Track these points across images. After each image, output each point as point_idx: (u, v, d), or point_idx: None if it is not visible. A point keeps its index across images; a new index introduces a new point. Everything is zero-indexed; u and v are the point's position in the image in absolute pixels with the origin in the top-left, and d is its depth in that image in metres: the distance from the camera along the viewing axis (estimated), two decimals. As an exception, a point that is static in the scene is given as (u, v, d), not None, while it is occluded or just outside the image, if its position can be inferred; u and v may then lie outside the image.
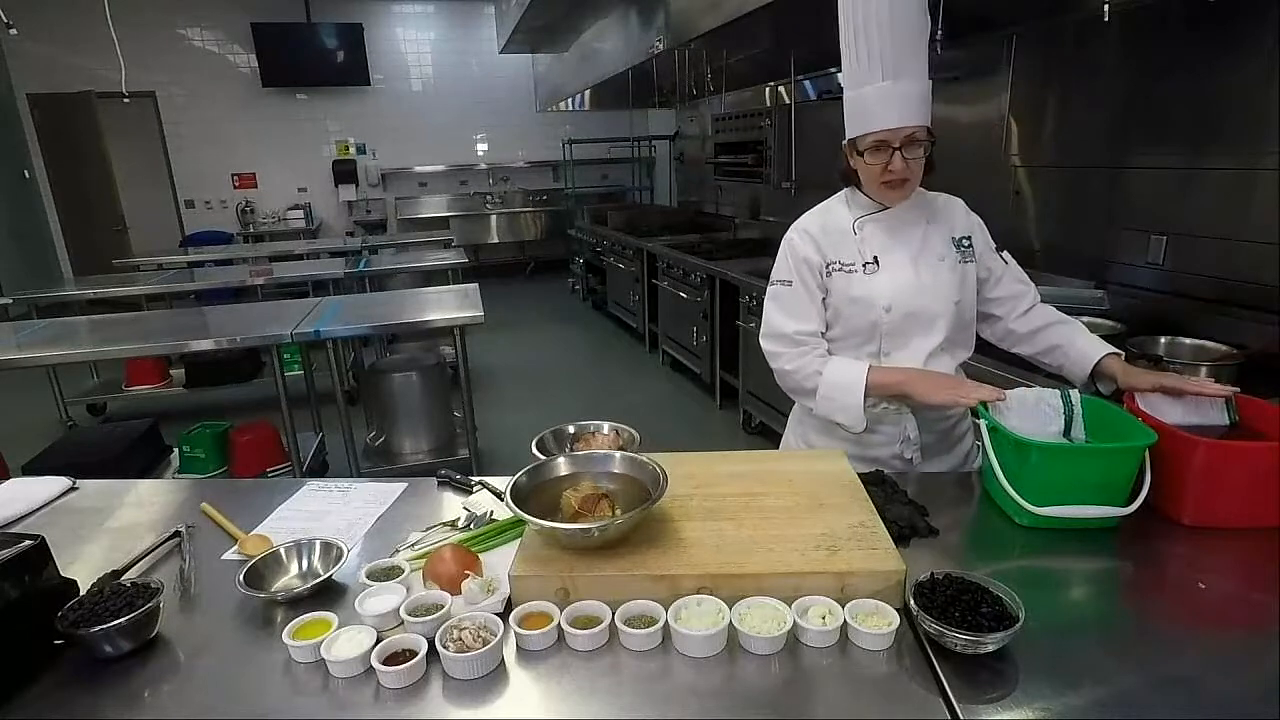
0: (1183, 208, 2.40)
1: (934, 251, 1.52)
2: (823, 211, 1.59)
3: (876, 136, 1.39)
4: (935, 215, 1.55)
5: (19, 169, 7.56)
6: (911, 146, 1.38)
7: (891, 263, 1.50)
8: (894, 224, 1.52)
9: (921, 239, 1.52)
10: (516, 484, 1.15)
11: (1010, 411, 1.34)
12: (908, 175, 1.41)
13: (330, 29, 8.16)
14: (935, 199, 1.57)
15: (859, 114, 1.42)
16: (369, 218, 8.78)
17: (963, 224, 1.56)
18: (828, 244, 1.53)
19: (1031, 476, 1.20)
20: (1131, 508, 1.18)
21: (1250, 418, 1.31)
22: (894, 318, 1.50)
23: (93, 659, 0.97)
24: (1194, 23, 2.31)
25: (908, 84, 1.37)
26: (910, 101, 1.38)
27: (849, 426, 1.50)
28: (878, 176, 1.43)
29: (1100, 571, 1.17)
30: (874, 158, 1.41)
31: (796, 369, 1.54)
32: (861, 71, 1.40)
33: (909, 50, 1.37)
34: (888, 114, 1.37)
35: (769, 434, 3.93)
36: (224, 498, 1.45)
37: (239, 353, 4.60)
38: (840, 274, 1.52)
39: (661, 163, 8.66)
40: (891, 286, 1.49)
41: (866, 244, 1.52)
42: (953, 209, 1.57)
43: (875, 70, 1.38)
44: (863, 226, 1.53)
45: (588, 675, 0.92)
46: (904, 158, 1.38)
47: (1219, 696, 0.85)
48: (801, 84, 4.65)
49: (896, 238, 1.52)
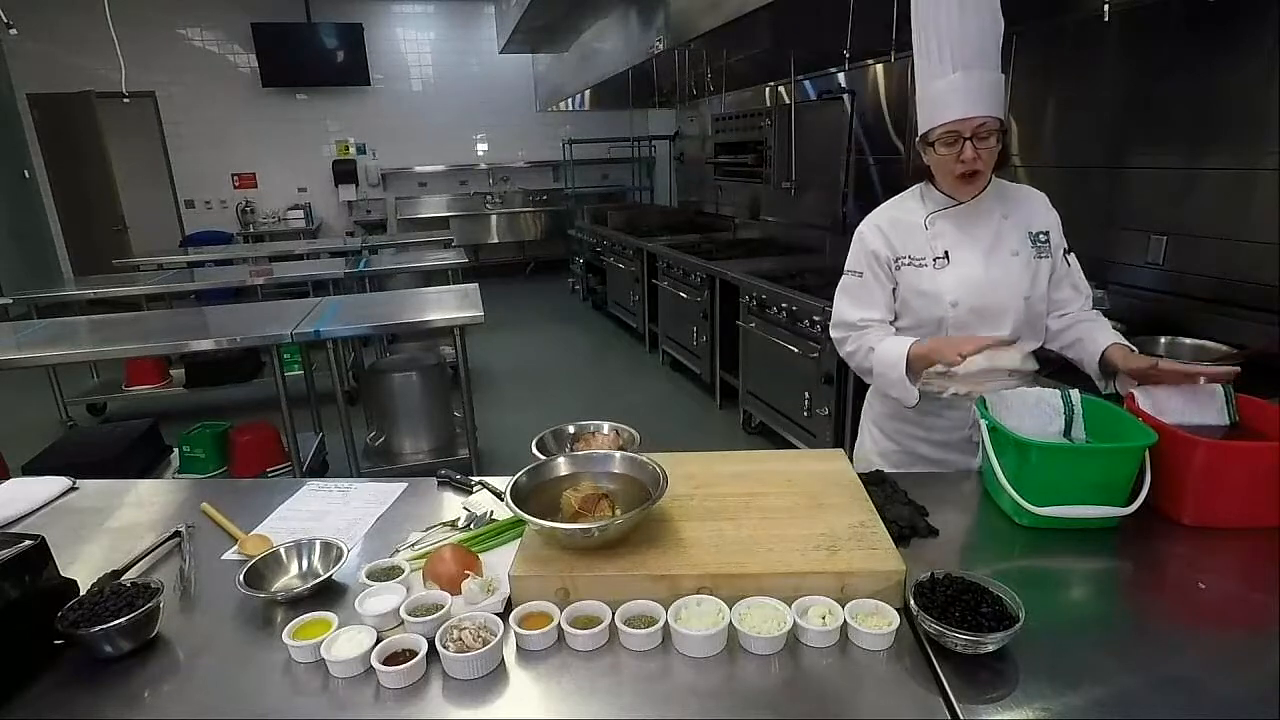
0: (1183, 208, 2.40)
1: (1007, 246, 1.53)
2: (896, 205, 1.60)
3: (947, 127, 1.41)
4: (1014, 209, 1.55)
5: (19, 169, 7.55)
6: (982, 137, 1.40)
7: (961, 258, 1.52)
8: (967, 218, 1.53)
9: (995, 233, 1.53)
10: (516, 484, 1.15)
11: (1010, 411, 1.36)
12: (979, 166, 1.43)
13: (330, 29, 8.16)
14: (1015, 191, 1.58)
15: (930, 107, 1.44)
16: (369, 218, 8.78)
17: (1042, 219, 1.56)
18: (898, 238, 1.55)
19: (1031, 476, 1.20)
20: (1131, 508, 1.19)
21: (1250, 418, 1.31)
22: (959, 312, 1.51)
23: (93, 659, 0.97)
24: (1194, 23, 2.31)
25: (978, 75, 1.39)
26: (979, 92, 1.39)
27: (903, 400, 1.53)
28: (951, 168, 1.45)
29: (1100, 571, 1.17)
30: (945, 149, 1.43)
31: (856, 349, 1.59)
32: (932, 66, 1.43)
33: (978, 43, 1.39)
34: (957, 105, 1.39)
35: (769, 434, 3.93)
36: (224, 498, 1.45)
37: (239, 353, 4.60)
38: (909, 268, 1.54)
39: (661, 163, 8.66)
40: (959, 282, 1.50)
41: (938, 239, 1.53)
42: (1034, 203, 1.58)
43: (945, 64, 1.40)
44: (934, 222, 1.54)
45: (588, 675, 0.92)
46: (975, 147, 1.40)
47: (1219, 696, 0.85)
48: (801, 84, 4.65)
49: (969, 232, 1.53)
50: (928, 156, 1.50)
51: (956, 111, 1.39)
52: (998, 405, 1.36)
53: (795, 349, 3.31)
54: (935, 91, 1.43)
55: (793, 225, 5.10)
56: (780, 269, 4.02)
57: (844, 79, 4.19)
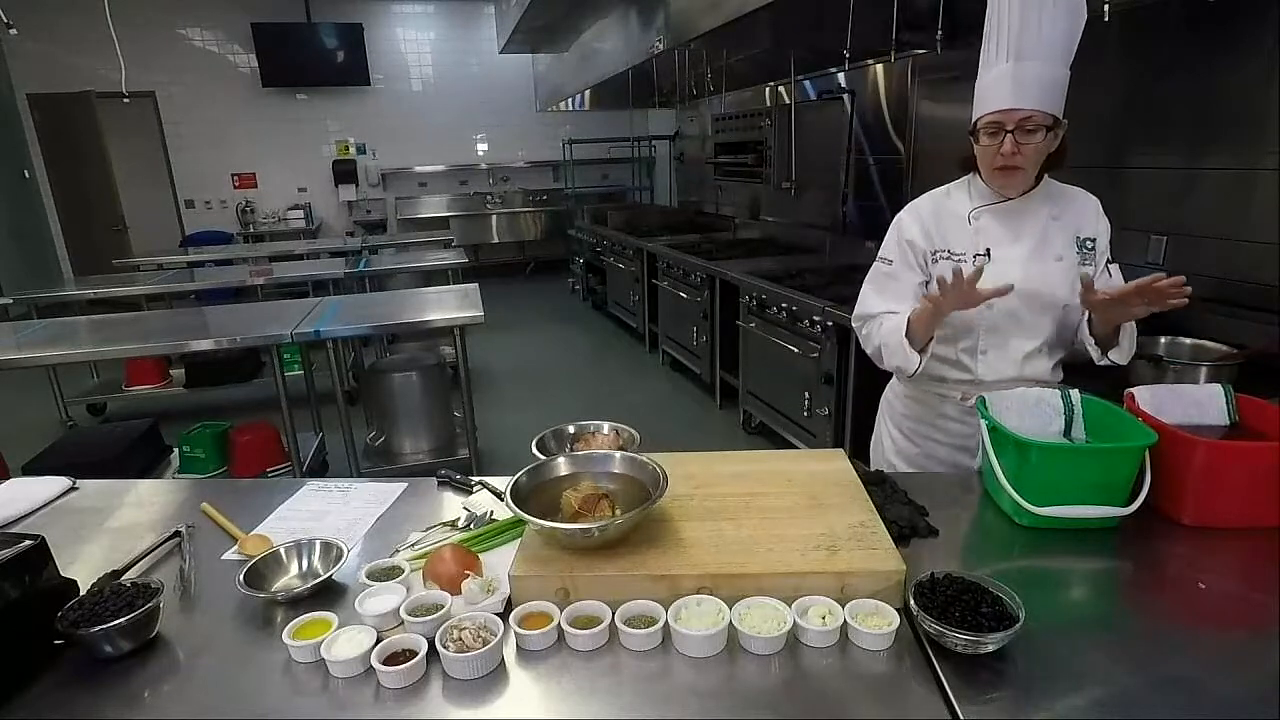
0: (1183, 208, 2.40)
1: (1052, 249, 1.47)
2: (941, 195, 1.55)
3: (990, 117, 1.37)
4: (1064, 211, 1.49)
5: (19, 169, 7.55)
6: (1027, 130, 1.35)
7: (1003, 257, 1.46)
8: (1014, 216, 1.47)
9: (1041, 234, 1.47)
10: (516, 484, 1.15)
11: (1010, 411, 1.35)
12: (1019, 162, 1.38)
13: (330, 29, 8.16)
14: (1067, 192, 1.52)
15: (980, 97, 1.41)
16: (369, 218, 8.78)
17: (1092, 225, 1.51)
18: (938, 230, 1.50)
19: (1031, 476, 1.20)
20: (1132, 508, 1.18)
21: (1250, 418, 1.31)
22: (995, 314, 1.46)
23: (93, 659, 0.97)
24: (1194, 23, 2.31)
25: (1031, 67, 1.33)
26: (1030, 84, 1.33)
27: (904, 368, 1.50)
28: (990, 160, 1.40)
29: (1100, 571, 1.17)
30: (988, 140, 1.39)
31: (869, 334, 1.57)
32: (988, 55, 1.39)
33: (1039, 33, 1.32)
34: (1002, 95, 1.35)
35: (769, 434, 3.93)
36: (224, 498, 1.44)
37: (239, 353, 4.60)
38: (947, 262, 1.48)
39: (661, 163, 8.66)
40: (997, 281, 1.39)
41: (982, 234, 1.48)
42: (1086, 208, 1.52)
43: (1001, 53, 1.36)
44: (979, 216, 1.48)
45: (588, 675, 0.92)
46: (1015, 141, 1.35)
47: (1219, 696, 0.85)
48: (801, 84, 4.65)
49: (1013, 230, 1.47)
50: (976, 148, 1.45)
51: (1000, 102, 1.35)
52: (998, 405, 1.35)
53: (795, 349, 3.31)
54: (985, 81, 1.39)
55: (793, 225, 5.10)
56: (780, 269, 4.02)
57: (844, 79, 4.19)
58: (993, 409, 1.32)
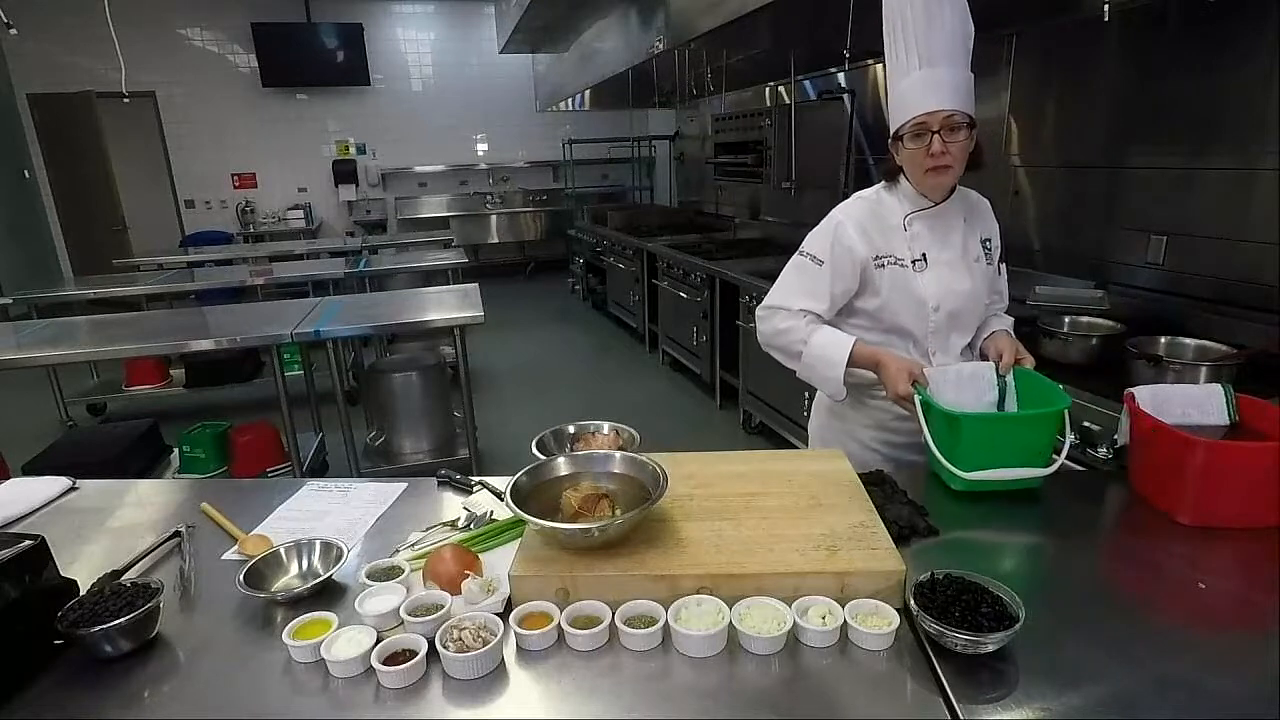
0: (1183, 208, 2.40)
1: (971, 252, 1.56)
2: (874, 201, 1.58)
3: (915, 120, 1.41)
4: (970, 213, 1.58)
5: (19, 169, 7.55)
6: (951, 131, 1.40)
7: (938, 261, 1.53)
8: (940, 220, 1.54)
9: (962, 239, 1.56)
10: (516, 484, 1.15)
11: (948, 384, 1.44)
12: (948, 161, 1.42)
13: (330, 29, 8.16)
14: (969, 195, 1.60)
15: (899, 104, 1.45)
16: (369, 218, 8.78)
17: (990, 226, 1.61)
18: (880, 236, 1.54)
19: (961, 445, 1.30)
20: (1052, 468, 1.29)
21: (1250, 418, 1.31)
22: (940, 317, 1.53)
23: (93, 659, 0.97)
24: (1194, 23, 2.30)
25: (945, 71, 1.40)
26: (946, 87, 1.40)
27: (831, 395, 1.57)
28: (921, 163, 1.44)
29: (1100, 571, 1.17)
30: (914, 143, 1.44)
31: (789, 328, 1.57)
32: (900, 64, 1.43)
33: (945, 41, 1.39)
34: (925, 98, 1.40)
35: (769, 434, 3.93)
36: (224, 498, 1.44)
37: (239, 353, 4.60)
38: (893, 268, 1.53)
39: (661, 163, 8.66)
40: (938, 285, 1.52)
41: (916, 241, 1.54)
42: (984, 209, 1.62)
43: (912, 60, 1.41)
44: (912, 223, 1.54)
45: (588, 675, 0.92)
46: (943, 141, 1.40)
47: (1219, 696, 0.85)
48: (801, 84, 4.65)
49: (941, 236, 1.54)
50: (900, 156, 1.50)
51: (923, 105, 1.40)
52: (937, 379, 1.44)
53: (795, 349, 3.30)
54: (903, 89, 1.44)
55: (793, 225, 5.10)
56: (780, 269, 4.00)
57: (844, 79, 4.18)
58: (932, 384, 1.42)
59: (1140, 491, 1.31)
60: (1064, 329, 2.22)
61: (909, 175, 1.52)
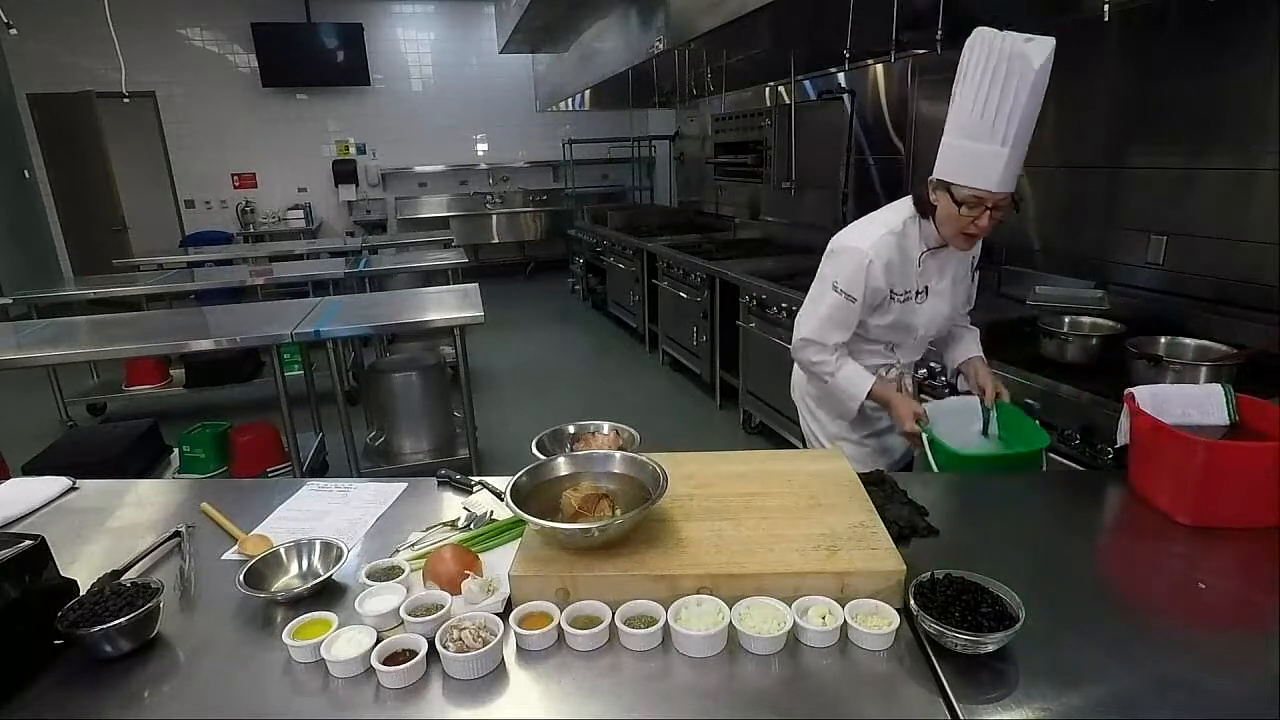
0: (1183, 208, 2.40)
1: (962, 278, 1.73)
2: (900, 235, 1.65)
3: (978, 193, 1.47)
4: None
5: (19, 169, 7.55)
6: (1000, 208, 1.49)
7: (935, 291, 1.68)
8: (949, 259, 1.68)
9: (954, 267, 1.70)
10: (516, 484, 1.15)
11: (944, 415, 1.67)
12: (985, 233, 1.55)
13: (330, 29, 8.15)
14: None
15: (970, 166, 1.49)
16: (369, 218, 8.77)
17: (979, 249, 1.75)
18: (899, 275, 1.66)
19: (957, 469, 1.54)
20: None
21: (1250, 418, 1.31)
22: (921, 338, 1.76)
23: (93, 659, 0.97)
24: (1194, 23, 2.30)
25: (1014, 154, 1.45)
26: (1014, 169, 1.48)
27: (844, 414, 1.81)
28: (962, 227, 1.53)
29: (1101, 571, 1.17)
30: (968, 210, 1.50)
31: (823, 361, 1.75)
32: (982, 128, 1.46)
33: (1024, 126, 1.45)
34: (997, 176, 1.46)
35: (769, 434, 3.93)
36: (224, 498, 1.44)
37: (239, 353, 4.60)
38: (903, 301, 1.69)
39: (661, 163, 8.66)
40: (930, 314, 1.70)
41: (923, 275, 1.67)
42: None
43: (998, 133, 1.44)
44: (925, 261, 1.66)
45: (588, 675, 0.92)
46: (991, 217, 1.49)
47: (1219, 696, 0.85)
48: (801, 84, 4.64)
49: (940, 266, 1.69)
50: (939, 200, 1.55)
51: (994, 183, 1.46)
52: (934, 415, 1.64)
53: (795, 349, 3.31)
54: (980, 155, 1.47)
55: (793, 225, 5.10)
56: (780, 269, 4.02)
57: (844, 79, 4.18)
58: (931, 414, 1.63)
59: (1140, 491, 1.31)
60: (1064, 329, 2.23)
61: (940, 225, 1.59)
